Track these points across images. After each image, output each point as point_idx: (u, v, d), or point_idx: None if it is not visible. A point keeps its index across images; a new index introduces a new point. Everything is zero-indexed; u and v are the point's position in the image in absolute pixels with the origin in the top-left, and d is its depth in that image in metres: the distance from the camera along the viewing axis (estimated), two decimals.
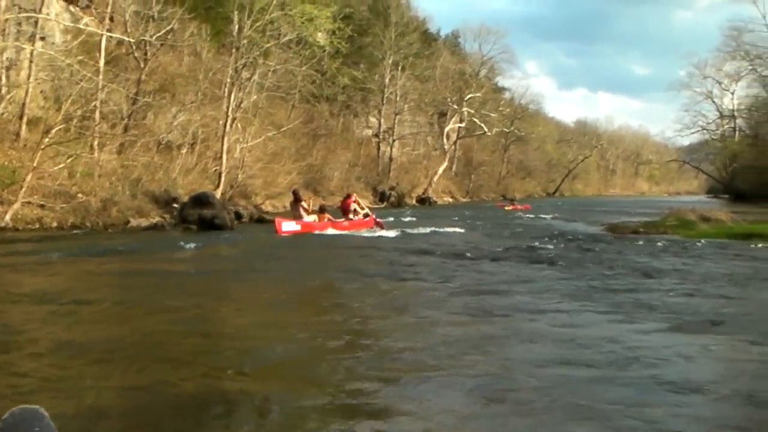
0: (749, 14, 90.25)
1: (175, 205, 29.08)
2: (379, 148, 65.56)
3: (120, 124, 31.22)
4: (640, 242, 23.33)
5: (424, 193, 65.19)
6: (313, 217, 26.95)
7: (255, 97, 39.32)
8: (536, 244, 22.40)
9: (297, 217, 26.60)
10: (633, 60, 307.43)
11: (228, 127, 35.47)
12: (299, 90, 49.31)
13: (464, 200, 76.76)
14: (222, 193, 32.85)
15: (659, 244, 22.63)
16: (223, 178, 34.80)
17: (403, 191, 60.56)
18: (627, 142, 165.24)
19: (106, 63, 29.87)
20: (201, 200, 27.36)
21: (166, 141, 34.05)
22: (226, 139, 35.23)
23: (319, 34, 46.70)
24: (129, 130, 31.18)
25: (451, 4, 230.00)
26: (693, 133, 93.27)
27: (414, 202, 61.85)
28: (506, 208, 57.53)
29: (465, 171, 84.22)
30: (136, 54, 32.73)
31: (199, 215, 26.53)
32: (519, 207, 58.63)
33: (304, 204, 27.40)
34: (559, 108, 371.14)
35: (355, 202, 29.67)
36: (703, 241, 23.15)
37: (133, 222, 26.49)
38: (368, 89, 63.81)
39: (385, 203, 55.94)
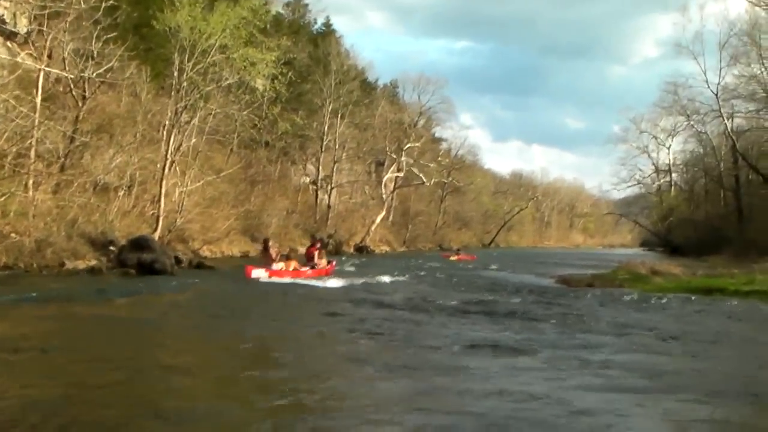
0: (688, 70, 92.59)
1: (112, 248, 28.21)
2: (317, 196, 64.91)
3: (56, 164, 30.18)
4: (599, 296, 22.65)
5: (361, 242, 64.82)
6: (280, 265, 27.52)
7: (194, 140, 38.60)
8: (490, 297, 21.75)
9: (266, 263, 27.15)
10: (567, 113, 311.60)
11: (167, 170, 34.70)
12: (238, 135, 48.74)
13: (401, 250, 76.18)
14: (159, 237, 32.02)
15: (619, 298, 22.05)
16: (160, 222, 33.99)
17: (341, 239, 60.12)
18: (562, 195, 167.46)
19: (43, 100, 28.88)
20: (140, 244, 26.56)
21: (103, 182, 33.02)
22: (164, 182, 34.44)
23: (258, 80, 46.27)
24: (65, 170, 30.17)
25: (386, 55, 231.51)
26: (630, 186, 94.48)
27: (352, 250, 61.27)
28: (451, 258, 57.38)
29: (402, 221, 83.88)
30: (74, 92, 31.87)
31: (138, 259, 25.69)
32: (464, 257, 58.71)
33: (272, 251, 28.10)
34: (493, 160, 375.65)
35: (317, 250, 30.80)
36: (665, 295, 22.50)
37: (69, 264, 25.58)
38: (307, 136, 63.36)
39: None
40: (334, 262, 32.07)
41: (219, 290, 22.24)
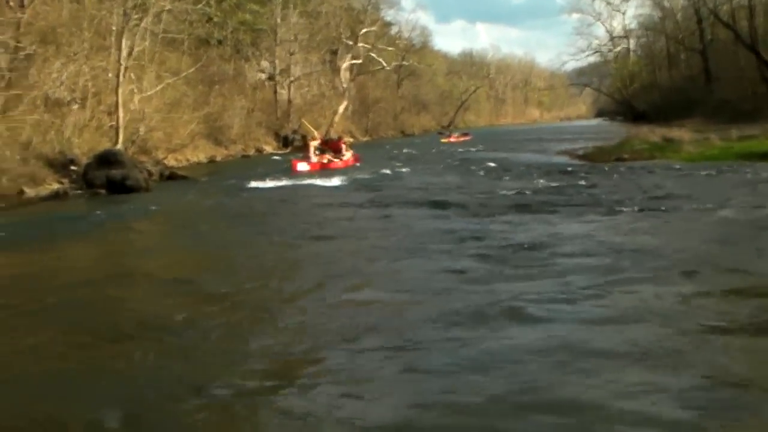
0: None
1: (73, 168, 25.97)
2: (275, 91, 62.18)
3: (1, 80, 27.40)
4: (653, 171, 20.25)
5: (326, 134, 62.60)
6: (316, 158, 31.31)
7: (147, 43, 35.78)
8: (532, 184, 19.40)
9: (307, 158, 31.15)
10: None
11: (121, 77, 32.08)
12: (189, 35, 46.09)
13: (364, 139, 74.20)
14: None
15: (688, 172, 19.71)
16: (121, 134, 31.53)
17: (306, 134, 57.82)
18: (514, 71, 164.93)
19: None
20: (108, 159, 24.17)
21: (54, 98, 30.39)
22: (120, 90, 31.84)
23: None
24: (12, 87, 27.43)
25: None
26: (588, 55, 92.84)
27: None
28: (442, 140, 56.14)
29: (361, 109, 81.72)
30: (11, 3, 28.84)
31: (107, 177, 23.35)
32: (460, 138, 60.08)
33: (314, 145, 32.56)
34: (440, 41, 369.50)
35: (343, 143, 35.02)
36: (727, 163, 20.30)
37: (29, 191, 23.12)
38: (259, 30, 60.44)
39: (290, 148, 53.65)
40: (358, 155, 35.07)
41: (210, 203, 20.06)
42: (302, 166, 29.39)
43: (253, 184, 23.34)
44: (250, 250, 12.14)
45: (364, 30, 74.17)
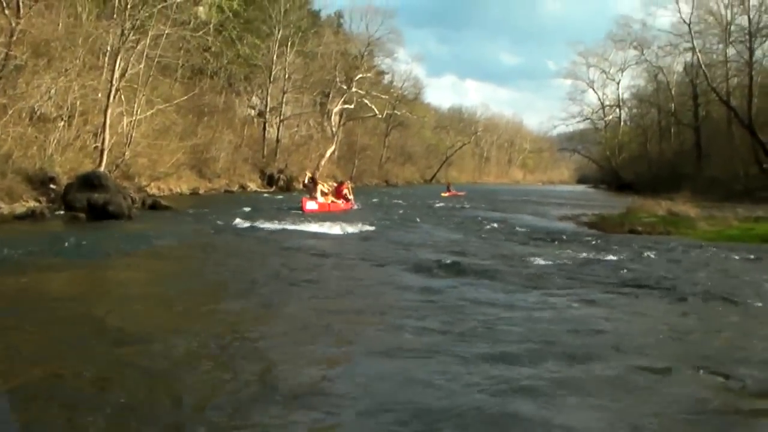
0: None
1: (52, 186, 24.82)
2: (264, 129, 61.15)
3: None
4: (674, 249, 18.14)
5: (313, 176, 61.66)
6: (322, 199, 32.21)
7: (142, 66, 34.75)
8: (540, 251, 17.34)
9: (313, 198, 31.83)
10: (501, 48, 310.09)
11: (111, 98, 31.00)
12: (183, 64, 45.38)
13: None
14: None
15: (716, 254, 17.26)
16: (105, 157, 30.39)
17: (292, 175, 56.68)
18: (501, 131, 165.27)
19: None
20: (91, 182, 22.94)
21: (39, 113, 29.26)
22: (109, 111, 30.76)
23: (200, 8, 43.22)
24: None
25: None
26: (579, 121, 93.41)
27: (302, 186, 57.95)
28: (443, 194, 57.34)
29: (348, 155, 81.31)
30: (6, 11, 27.76)
31: (88, 200, 22.14)
32: (455, 193, 60.03)
33: (321, 188, 33.06)
34: (429, 95, 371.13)
35: (346, 188, 36.35)
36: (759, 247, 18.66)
37: (4, 207, 21.83)
38: (254, 65, 59.90)
39: (273, 187, 52.72)
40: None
41: (197, 239, 18.35)
42: (311, 205, 30.57)
43: (242, 223, 21.95)
44: (230, 295, 11.12)
45: (359, 75, 73.84)
